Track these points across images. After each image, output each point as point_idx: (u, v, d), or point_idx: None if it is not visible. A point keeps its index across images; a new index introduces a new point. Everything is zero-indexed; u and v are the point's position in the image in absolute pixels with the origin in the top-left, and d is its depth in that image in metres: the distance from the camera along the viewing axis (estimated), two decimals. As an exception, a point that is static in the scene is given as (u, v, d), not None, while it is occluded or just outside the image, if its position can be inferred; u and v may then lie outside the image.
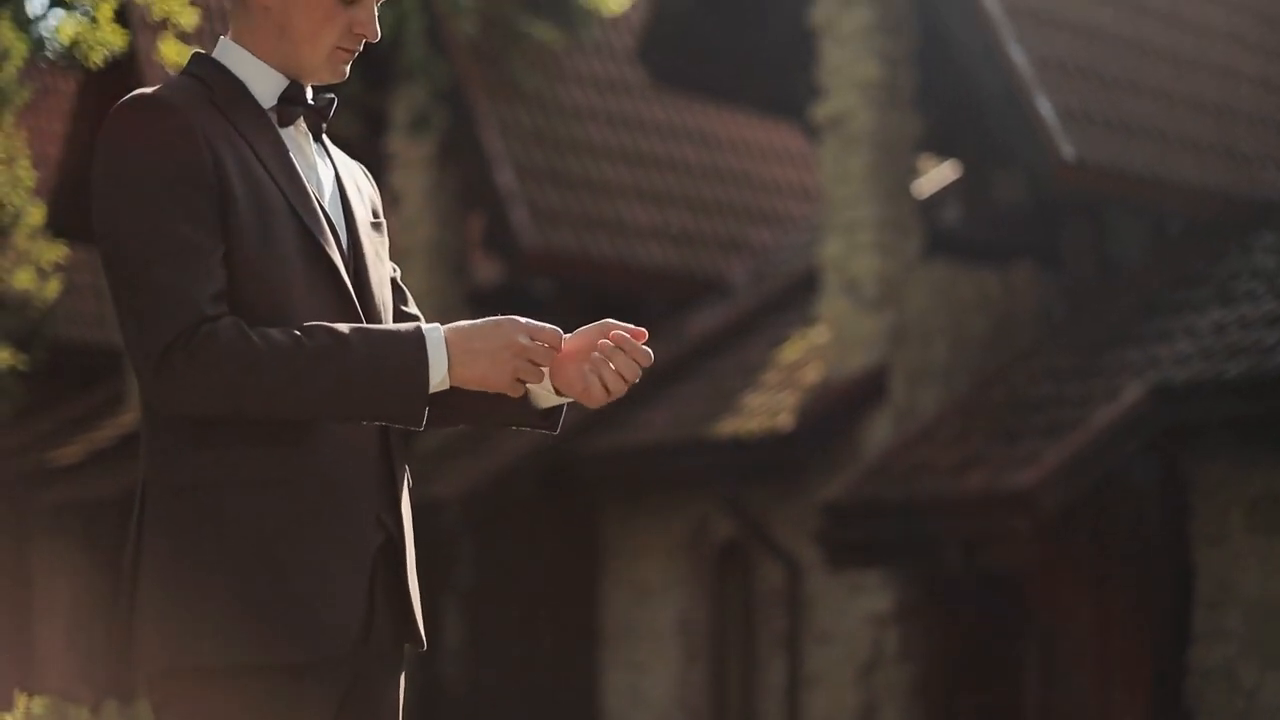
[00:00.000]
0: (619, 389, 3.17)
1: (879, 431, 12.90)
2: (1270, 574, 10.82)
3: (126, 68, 18.10)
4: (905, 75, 13.30)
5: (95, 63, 10.43)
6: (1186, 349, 11.31)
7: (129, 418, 19.56)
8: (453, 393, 3.15)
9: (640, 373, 3.19)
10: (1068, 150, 11.72)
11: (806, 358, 13.90)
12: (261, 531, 3.06)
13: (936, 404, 12.78)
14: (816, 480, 12.92)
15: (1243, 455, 11.00)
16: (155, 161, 3.07)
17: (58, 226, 16.99)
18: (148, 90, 3.16)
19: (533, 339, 3.11)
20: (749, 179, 17.32)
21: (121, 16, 15.47)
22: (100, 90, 18.77)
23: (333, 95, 3.38)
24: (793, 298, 15.20)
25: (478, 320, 3.14)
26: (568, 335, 3.21)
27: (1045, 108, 11.86)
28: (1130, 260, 13.31)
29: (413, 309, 3.47)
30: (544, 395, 3.27)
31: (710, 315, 15.70)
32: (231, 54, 3.28)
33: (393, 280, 3.42)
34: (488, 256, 17.24)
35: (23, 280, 12.96)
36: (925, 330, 13.01)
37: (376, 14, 3.31)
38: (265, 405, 3.03)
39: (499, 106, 15.87)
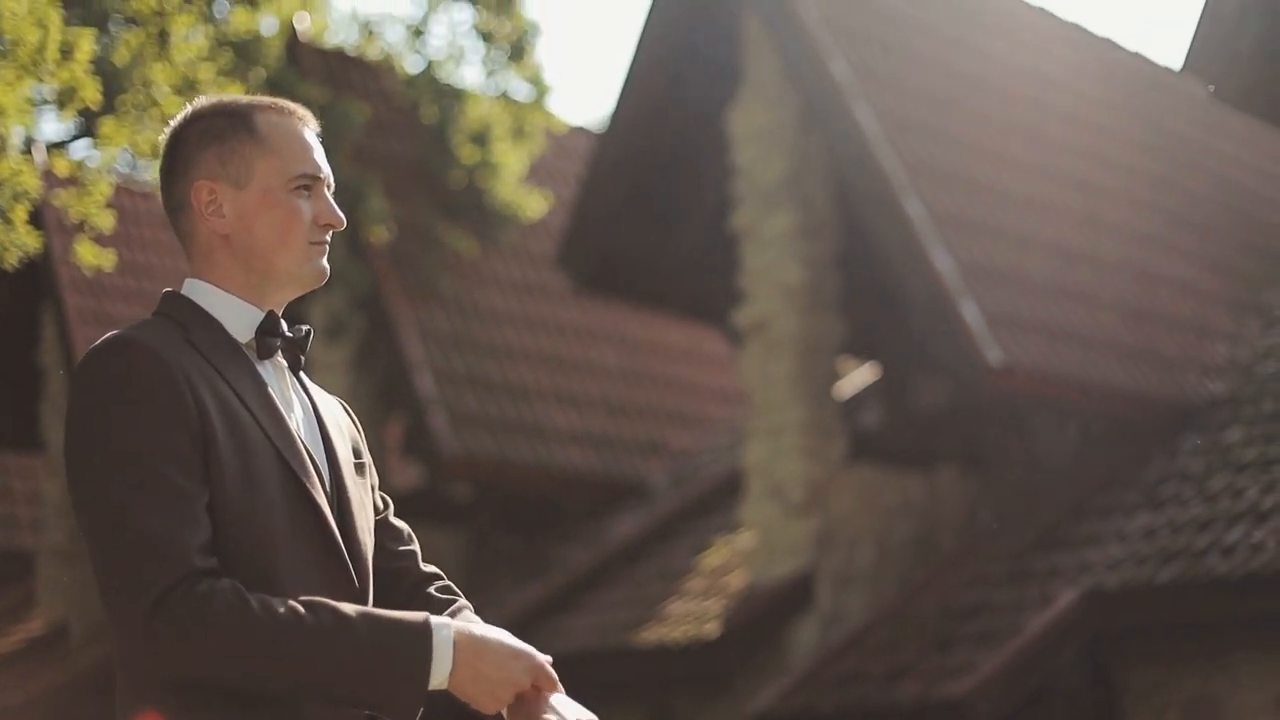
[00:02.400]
0: None
1: (806, 638, 12.77)
2: (1206, 781, 10.73)
3: (40, 269, 18.01)
4: (828, 279, 13.34)
5: (10, 264, 10.28)
6: (1117, 553, 11.28)
7: (38, 623, 19.20)
8: None
9: None
10: (994, 355, 11.73)
11: (731, 563, 13.78)
12: None
13: (863, 610, 12.68)
14: (744, 688, 12.75)
15: (1176, 659, 10.95)
16: (136, 405, 2.96)
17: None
18: (123, 332, 3.07)
19: (536, 685, 3.03)
20: (668, 382, 17.29)
21: (35, 218, 15.36)
22: (9, 292, 18.64)
23: (309, 327, 3.30)
24: (714, 501, 15.12)
25: (494, 636, 3.03)
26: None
27: (971, 312, 11.88)
28: (1055, 462, 13.31)
29: (408, 546, 3.36)
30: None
31: (631, 520, 15.59)
32: (200, 291, 3.20)
33: (385, 518, 3.31)
34: (407, 461, 17.09)
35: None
36: (851, 535, 12.94)
37: (333, 201, 3.24)
38: (255, 678, 2.88)
39: (417, 311, 15.81)
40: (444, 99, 16.75)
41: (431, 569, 3.44)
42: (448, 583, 3.37)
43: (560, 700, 3.07)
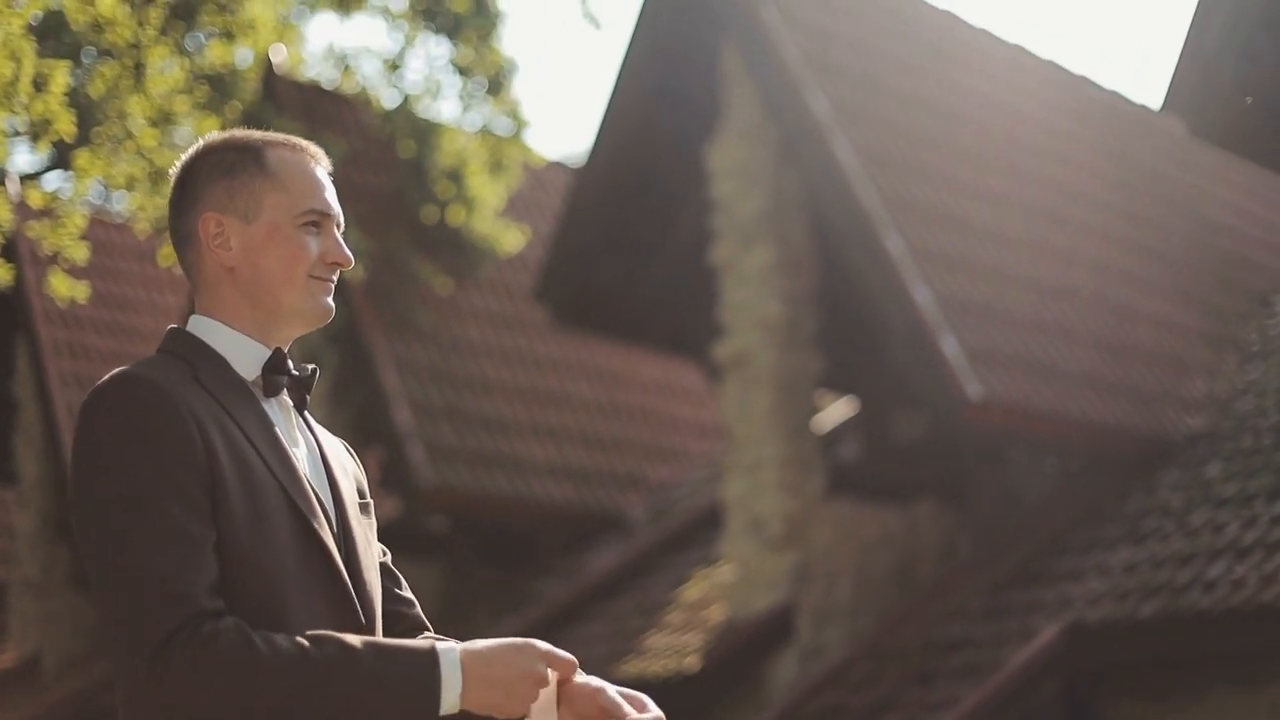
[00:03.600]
0: None
1: (785, 672, 12.76)
2: (1187, 816, 10.74)
3: (13, 300, 17.97)
4: (807, 314, 13.36)
5: (-18, 295, 10.26)
6: (1099, 588, 11.29)
7: (9, 655, 19.12)
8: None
9: None
10: (973, 389, 11.74)
11: (710, 597, 13.77)
12: None
13: (843, 643, 12.68)
14: (723, 722, 12.75)
15: (1157, 694, 10.97)
16: (143, 444, 2.93)
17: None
18: (131, 369, 3.04)
19: (550, 668, 2.98)
20: (646, 415, 17.29)
21: (9, 249, 15.34)
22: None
23: (315, 366, 3.29)
24: (693, 535, 15.11)
25: (495, 642, 2.98)
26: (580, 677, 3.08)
27: (950, 346, 11.90)
28: (1034, 496, 13.33)
29: (407, 593, 3.34)
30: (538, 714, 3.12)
31: (609, 553, 15.57)
32: (206, 328, 3.18)
33: (383, 564, 3.29)
34: (384, 493, 17.05)
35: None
36: (830, 569, 12.94)
37: (341, 240, 3.22)
38: (264, 717, 2.85)
39: (394, 344, 15.79)
40: (420, 133, 16.76)
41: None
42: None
43: (598, 684, 3.06)
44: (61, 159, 15.33)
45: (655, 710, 3.07)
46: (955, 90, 14.22)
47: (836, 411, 16.01)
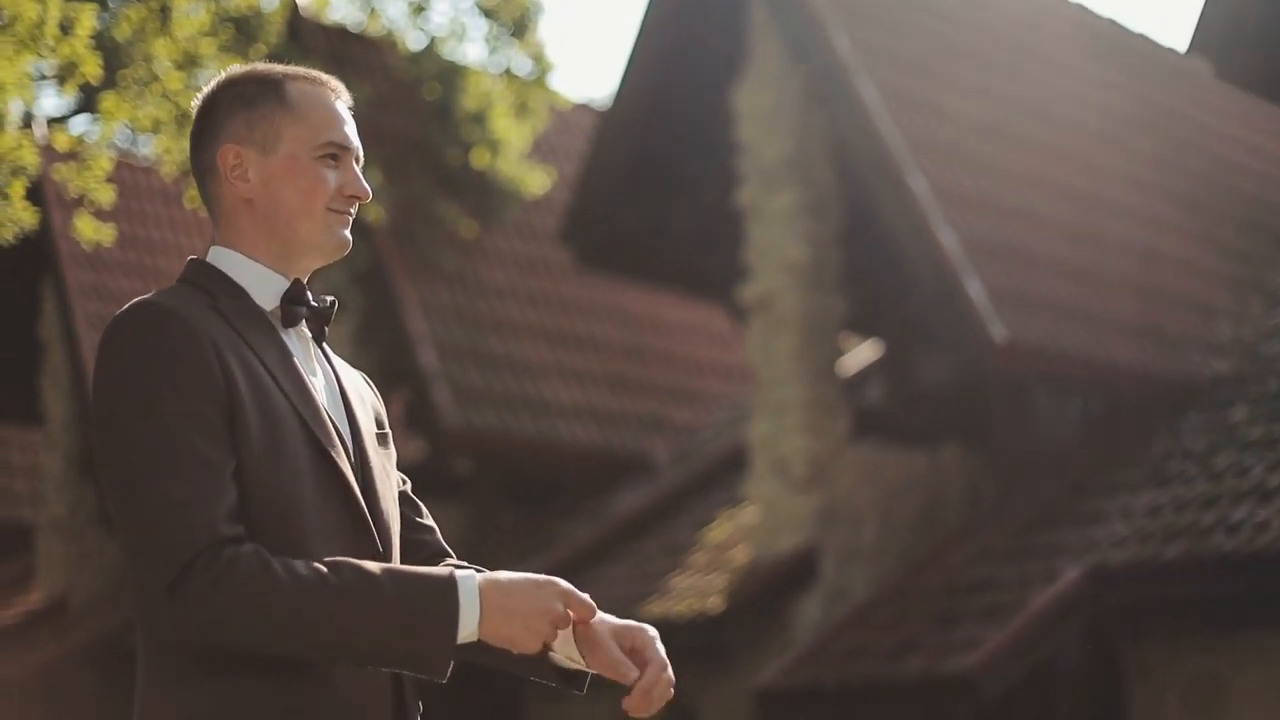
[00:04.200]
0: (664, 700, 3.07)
1: (809, 613, 12.79)
2: (1209, 758, 10.77)
3: (38, 244, 18.01)
4: (831, 256, 13.35)
5: (5, 239, 10.30)
6: (1122, 531, 11.30)
7: (37, 596, 19.23)
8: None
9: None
10: (998, 331, 11.73)
11: (734, 538, 13.81)
12: None
13: (866, 585, 12.71)
14: (747, 663, 12.78)
15: (1181, 637, 10.97)
16: (164, 372, 2.94)
17: (-32, 404, 16.80)
18: (151, 298, 3.06)
19: (567, 607, 2.99)
20: (671, 358, 17.30)
21: (36, 192, 15.39)
22: (12, 266, 18.64)
23: (334, 299, 3.29)
24: (717, 477, 15.14)
25: (515, 576, 2.99)
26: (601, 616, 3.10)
27: (975, 288, 11.89)
28: (1058, 439, 13.33)
29: (428, 521, 3.36)
30: (560, 657, 3.14)
31: (634, 495, 15.61)
32: (226, 259, 3.19)
33: (403, 493, 3.30)
34: (409, 435, 17.10)
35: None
36: (854, 511, 12.96)
37: (360, 173, 3.23)
38: (281, 642, 2.87)
39: (420, 286, 15.81)
40: (446, 76, 16.74)
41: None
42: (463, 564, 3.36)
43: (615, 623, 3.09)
44: (88, 102, 15.36)
45: (657, 651, 3.08)
46: (981, 32, 14.17)
47: (862, 354, 16.02)
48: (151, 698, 2.97)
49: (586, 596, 3.03)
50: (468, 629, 2.92)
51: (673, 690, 3.09)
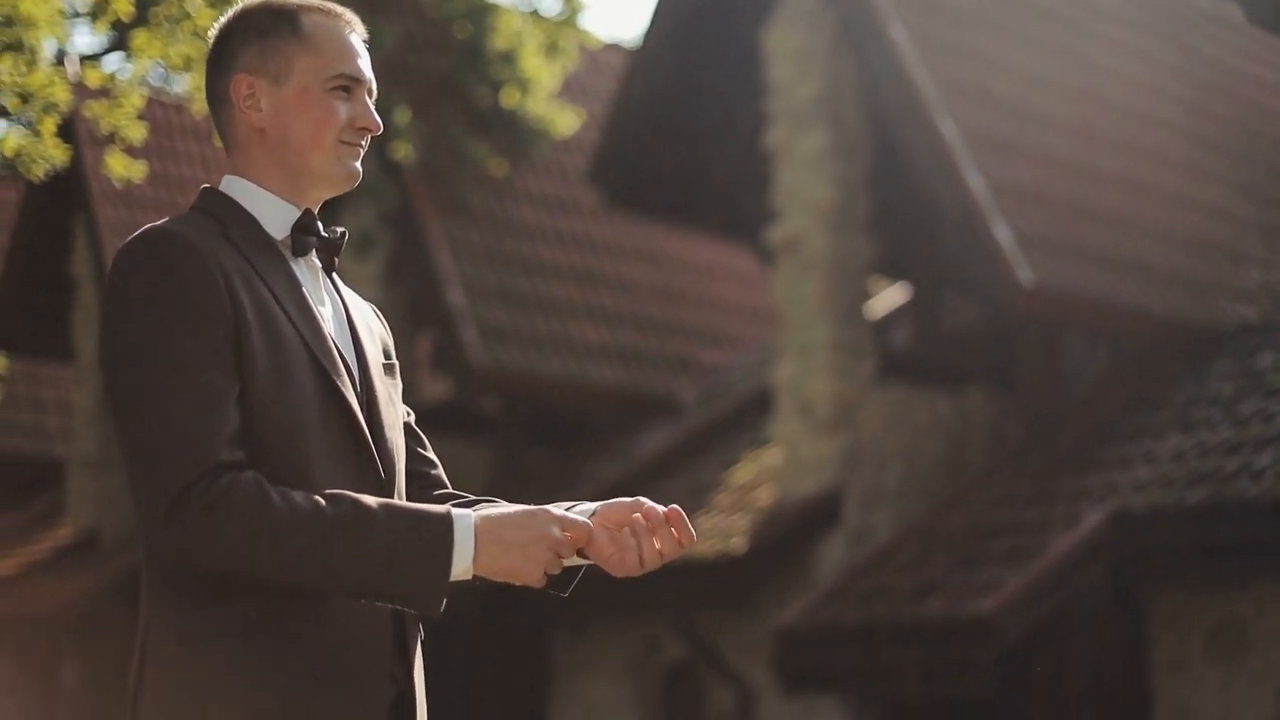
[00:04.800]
0: (654, 564, 3.06)
1: (832, 554, 12.82)
2: (1230, 701, 10.78)
3: (71, 180, 18.05)
4: (859, 199, 13.33)
5: (37, 176, 10.32)
6: (1145, 476, 11.29)
7: (67, 530, 19.34)
8: None
9: (679, 547, 3.07)
10: (1025, 275, 11.72)
11: (758, 479, 13.84)
12: (271, 687, 2.94)
13: (890, 527, 12.73)
14: (769, 603, 12.82)
15: (1202, 582, 10.98)
16: (172, 298, 2.98)
17: None
18: (160, 224, 3.09)
19: (564, 531, 3.01)
20: (698, 299, 17.31)
21: (67, 129, 15.42)
22: (43, 202, 18.70)
23: (344, 230, 3.31)
24: (743, 418, 15.16)
25: (508, 509, 3.02)
26: (597, 506, 3.11)
27: (1003, 233, 11.87)
28: (1084, 384, 13.32)
29: (430, 454, 3.38)
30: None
31: (660, 435, 15.64)
32: (238, 188, 3.22)
33: (407, 424, 3.33)
34: (436, 374, 17.15)
35: (-37, 391, 12.81)
36: (879, 453, 12.97)
37: (372, 106, 3.25)
38: (275, 570, 2.90)
39: (448, 225, 15.83)
40: (476, 15, 16.71)
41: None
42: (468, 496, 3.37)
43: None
44: (120, 40, 15.37)
45: (640, 514, 3.07)
46: (1013, -25, 14.11)
47: (890, 297, 16.01)
48: (156, 618, 3.01)
49: (578, 516, 3.05)
50: (461, 567, 2.95)
51: (675, 520, 3.05)
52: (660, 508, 3.06)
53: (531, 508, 3.01)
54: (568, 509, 3.10)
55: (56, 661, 18.43)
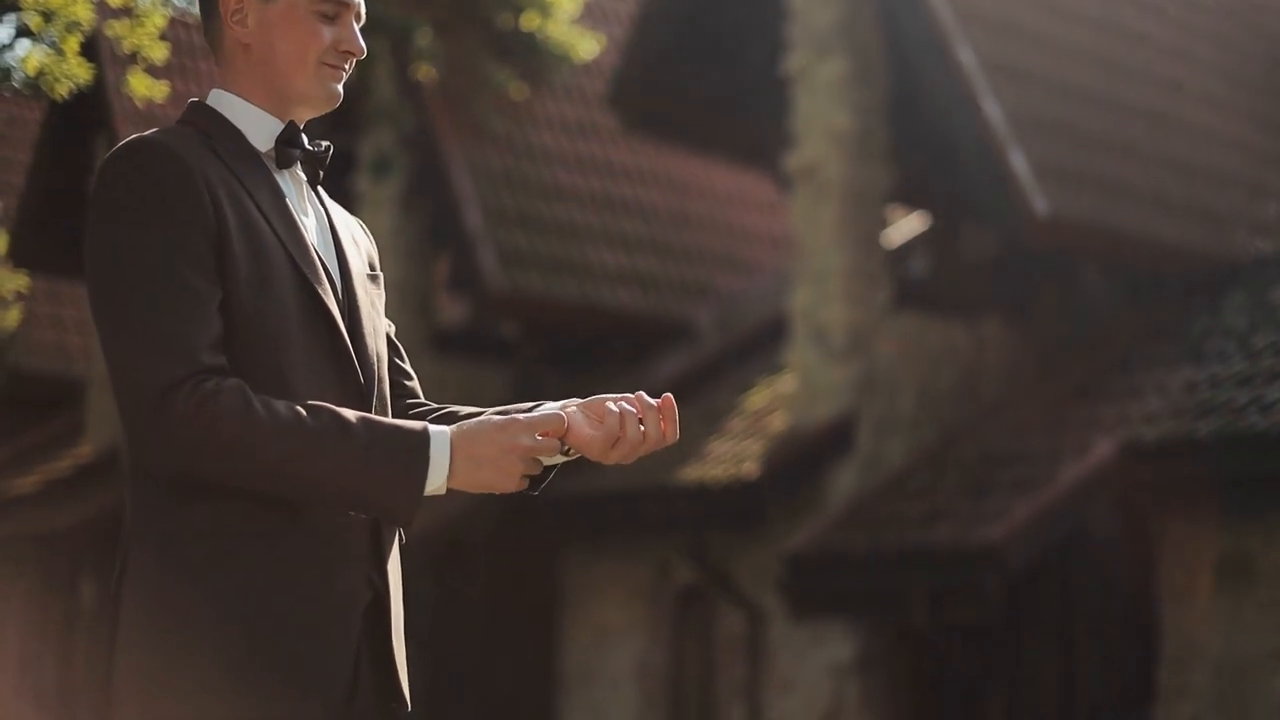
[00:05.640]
0: (637, 445, 3.09)
1: (844, 481, 12.86)
2: (1236, 632, 10.81)
3: (93, 100, 18.05)
4: (878, 126, 13.31)
5: (60, 95, 10.34)
6: (1157, 407, 11.31)
7: (87, 449, 19.44)
8: None
9: (664, 439, 3.10)
10: (1040, 204, 11.72)
11: (772, 405, 13.87)
12: (248, 587, 2.99)
13: (903, 455, 12.75)
14: (780, 528, 12.87)
15: (1211, 514, 10.99)
16: (156, 205, 3.01)
17: (19, 256, 16.90)
18: (147, 134, 3.12)
19: (537, 434, 3.04)
20: (717, 225, 17.31)
21: (90, 49, 15.44)
22: (65, 122, 18.71)
23: (329, 143, 3.35)
24: (759, 345, 15.18)
25: (479, 422, 3.05)
26: (581, 402, 3.14)
27: (1018, 162, 11.86)
28: (1099, 315, 13.32)
29: (407, 365, 3.42)
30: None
31: (676, 360, 15.67)
32: (224, 101, 3.25)
33: (387, 336, 3.37)
34: (454, 297, 17.19)
35: (-17, 310, 12.86)
36: (893, 381, 13.00)
37: (358, 31, 3.27)
38: (254, 476, 2.95)
39: (467, 148, 15.83)
40: (497, -64, 16.65)
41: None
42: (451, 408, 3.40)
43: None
44: (142, -43, 15.34)
45: (616, 405, 3.10)
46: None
47: (908, 226, 16.00)
48: (139, 519, 3.05)
49: (550, 414, 3.07)
50: (436, 482, 2.99)
51: (660, 409, 3.08)
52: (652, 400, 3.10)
53: (502, 419, 3.05)
54: (531, 408, 3.13)
55: (75, 578, 18.56)
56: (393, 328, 3.41)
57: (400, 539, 3.23)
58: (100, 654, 3.08)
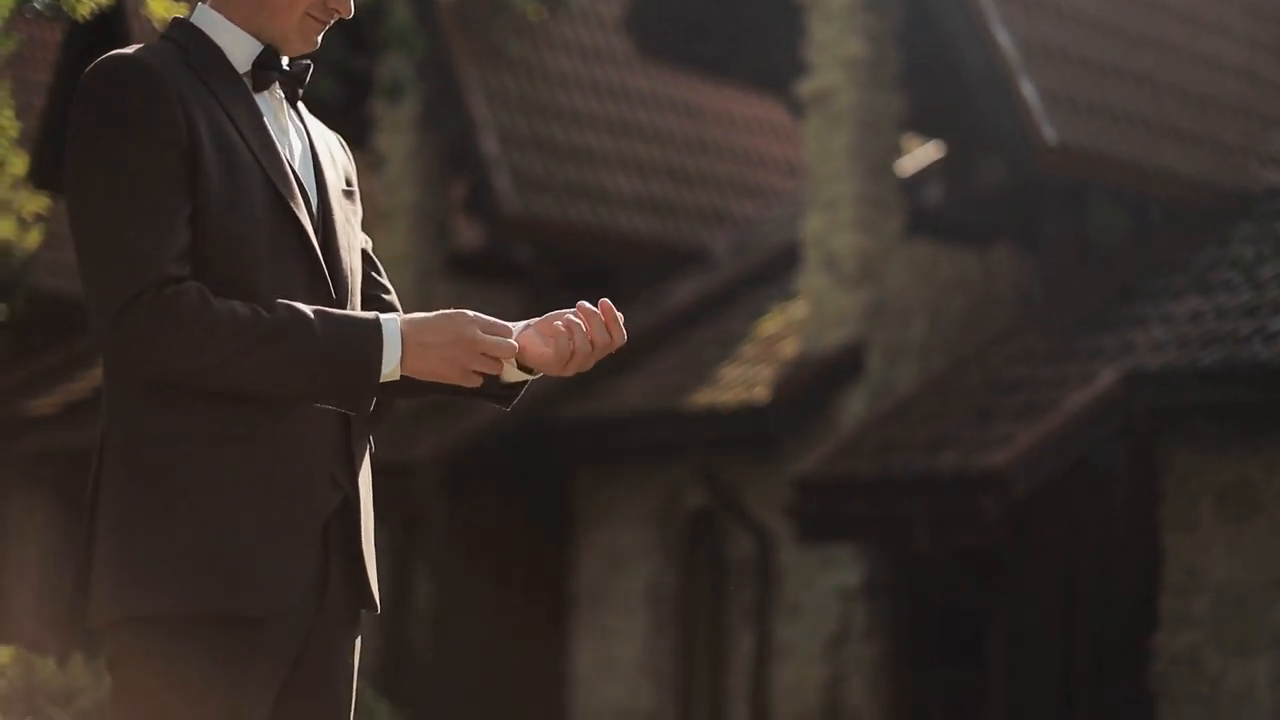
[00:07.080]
0: (586, 353, 3.21)
1: (854, 407, 12.94)
2: (1238, 561, 10.89)
3: (113, 21, 18.07)
4: (891, 54, 13.32)
5: (82, 15, 10.39)
6: (1162, 336, 11.36)
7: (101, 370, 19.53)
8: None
9: (611, 342, 3.23)
10: (1050, 133, 11.75)
11: (784, 332, 13.94)
12: (218, 486, 3.09)
13: (913, 381, 12.83)
14: (790, 453, 12.96)
15: (1215, 443, 11.05)
16: (129, 119, 3.09)
17: (40, 177, 16.96)
18: (124, 50, 3.20)
19: (485, 332, 3.13)
20: (733, 151, 17.34)
21: (110, -31, 15.47)
22: (86, 42, 18.74)
23: (309, 62, 3.40)
24: (773, 271, 15.23)
25: (431, 313, 3.16)
26: (535, 321, 3.25)
27: (1029, 90, 11.89)
28: (1109, 245, 13.36)
29: (384, 280, 3.50)
30: (508, 371, 3.26)
31: (690, 286, 15.73)
32: (209, 19, 3.32)
33: (364, 252, 3.45)
34: (469, 221, 17.25)
35: (4, 230, 12.94)
36: (903, 308, 13.06)
37: None
38: (217, 375, 3.05)
39: (484, 72, 15.86)
40: None
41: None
42: None
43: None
44: (162, -123, 15.34)
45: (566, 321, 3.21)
46: None
47: (921, 154, 16.02)
48: (114, 425, 3.16)
49: (500, 330, 3.16)
50: (390, 366, 3.10)
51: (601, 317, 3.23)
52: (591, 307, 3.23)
53: (450, 311, 3.16)
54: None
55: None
56: (369, 243, 3.49)
57: (370, 448, 3.34)
58: (78, 548, 3.18)
